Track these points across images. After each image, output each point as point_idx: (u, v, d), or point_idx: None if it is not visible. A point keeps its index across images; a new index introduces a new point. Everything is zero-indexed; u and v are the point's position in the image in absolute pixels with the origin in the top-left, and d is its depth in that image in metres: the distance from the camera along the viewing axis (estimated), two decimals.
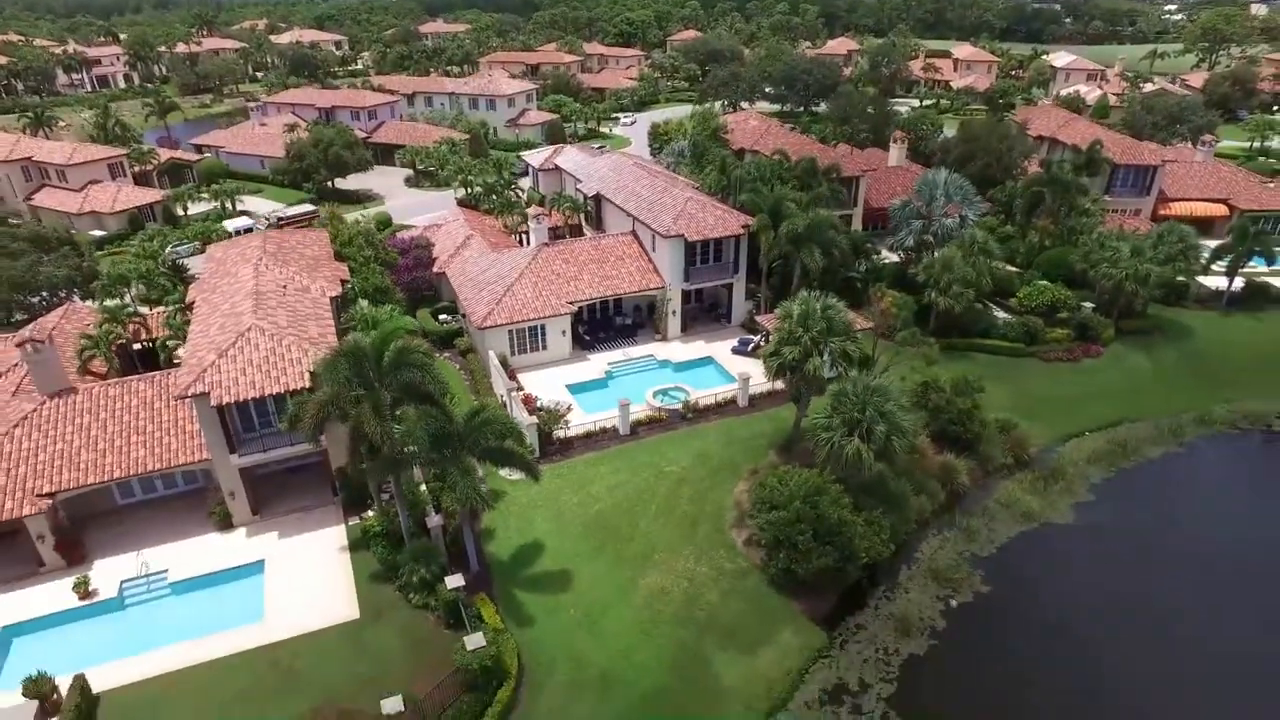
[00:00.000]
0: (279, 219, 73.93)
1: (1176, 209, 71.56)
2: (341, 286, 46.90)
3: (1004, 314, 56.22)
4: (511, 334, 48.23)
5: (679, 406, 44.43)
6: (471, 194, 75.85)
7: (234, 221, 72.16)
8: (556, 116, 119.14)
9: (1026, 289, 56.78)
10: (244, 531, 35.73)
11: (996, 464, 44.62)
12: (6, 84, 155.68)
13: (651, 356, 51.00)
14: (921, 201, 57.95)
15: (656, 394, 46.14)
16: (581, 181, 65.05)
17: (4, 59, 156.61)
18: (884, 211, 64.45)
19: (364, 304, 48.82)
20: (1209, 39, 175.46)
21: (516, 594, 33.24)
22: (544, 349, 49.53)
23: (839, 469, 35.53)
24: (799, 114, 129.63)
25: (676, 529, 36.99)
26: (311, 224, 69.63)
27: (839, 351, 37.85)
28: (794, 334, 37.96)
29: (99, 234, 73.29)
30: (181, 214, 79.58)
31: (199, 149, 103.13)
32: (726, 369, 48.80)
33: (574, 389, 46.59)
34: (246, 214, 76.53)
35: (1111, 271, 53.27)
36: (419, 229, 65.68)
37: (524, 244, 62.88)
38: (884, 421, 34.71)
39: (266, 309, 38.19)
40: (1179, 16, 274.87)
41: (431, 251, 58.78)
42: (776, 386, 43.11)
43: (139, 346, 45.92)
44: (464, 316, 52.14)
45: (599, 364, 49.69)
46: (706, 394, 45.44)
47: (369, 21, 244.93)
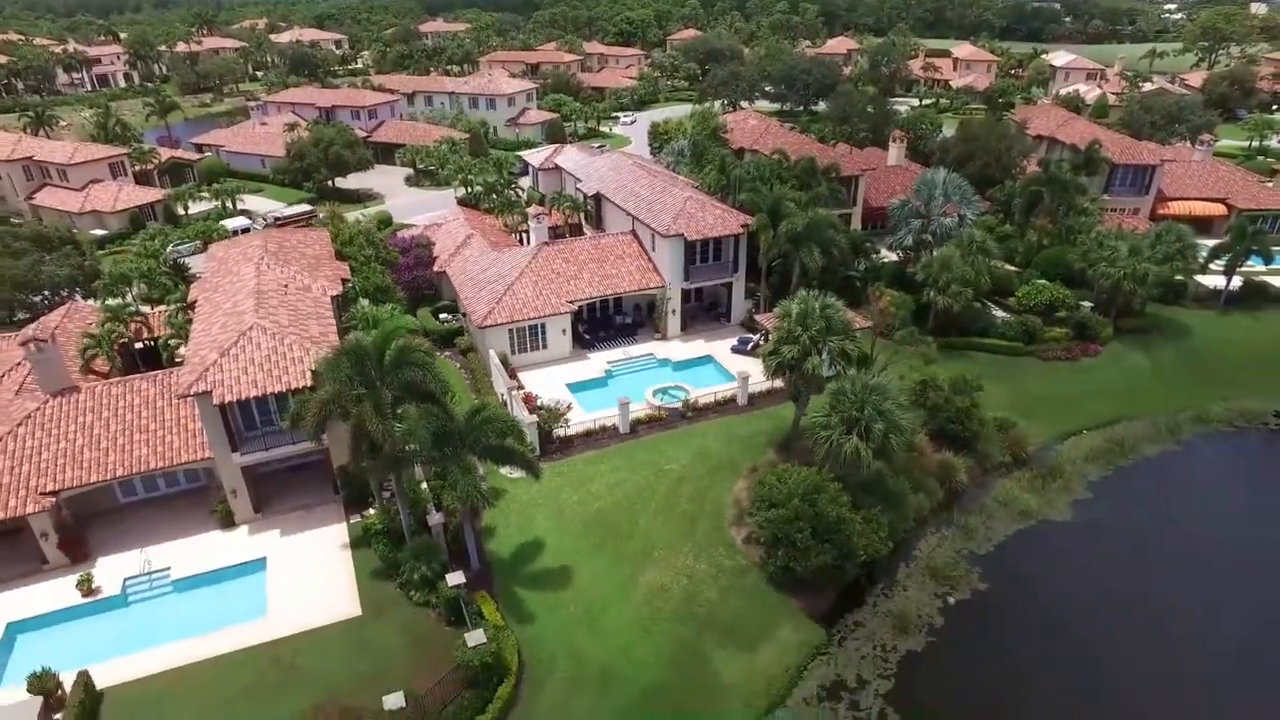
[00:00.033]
0: (275, 219, 74.17)
1: (1175, 208, 71.76)
2: (342, 285, 47.07)
3: (1002, 313, 56.41)
4: (512, 333, 48.41)
5: (679, 405, 44.60)
6: (472, 193, 76.01)
7: (232, 221, 72.38)
8: (556, 116, 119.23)
9: (1025, 288, 56.96)
10: (246, 529, 35.91)
11: (995, 462, 44.84)
12: (7, 83, 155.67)
13: (651, 355, 51.18)
14: (920, 201, 58.14)
15: (656, 392, 46.32)
16: (581, 181, 65.20)
17: (4, 58, 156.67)
18: (883, 211, 64.65)
19: (365, 303, 49.04)
20: (1208, 38, 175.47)
21: (517, 591, 33.43)
22: (544, 348, 49.72)
23: (838, 467, 35.71)
24: (798, 113, 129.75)
25: (676, 527, 37.18)
26: (309, 224, 69.89)
27: (838, 350, 38.03)
28: (793, 333, 38.16)
29: (100, 233, 73.47)
30: (182, 213, 79.74)
31: (199, 148, 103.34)
32: (726, 368, 48.98)
33: (574, 388, 46.77)
34: (245, 214, 76.69)
35: (1110, 271, 53.48)
36: (419, 228, 65.83)
37: (524, 243, 63.03)
38: (882, 420, 34.91)
39: (268, 308, 38.37)
40: (1179, 15, 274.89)
41: (432, 251, 58.93)
42: (775, 385, 43.28)
43: (141, 345, 46.07)
44: (464, 315, 52.32)
45: (599, 363, 49.86)
46: (706, 392, 45.62)
47: (369, 21, 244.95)
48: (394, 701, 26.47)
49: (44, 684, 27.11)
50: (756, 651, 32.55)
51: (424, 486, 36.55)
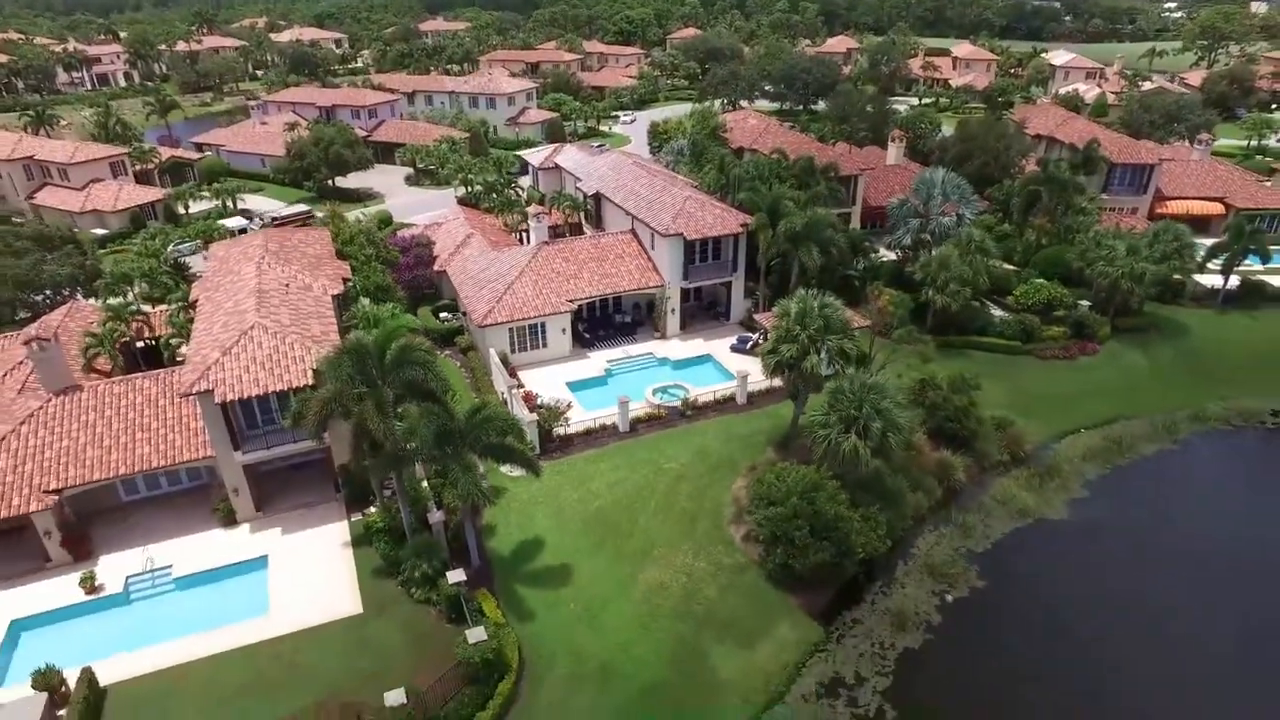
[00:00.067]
0: (272, 219, 74.49)
1: (1173, 207, 71.92)
2: (343, 285, 47.22)
3: (1001, 312, 56.58)
4: (512, 332, 48.59)
5: (678, 404, 44.77)
6: (472, 192, 76.14)
7: (230, 221, 72.62)
8: (556, 115, 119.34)
9: (1023, 287, 57.10)
10: (247, 527, 36.10)
11: (992, 461, 45.05)
12: (7, 82, 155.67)
13: (651, 354, 51.34)
14: (919, 200, 58.30)
15: (656, 391, 46.48)
16: (581, 180, 65.34)
17: (4, 57, 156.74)
18: (882, 210, 64.82)
19: (366, 302, 49.20)
20: (1208, 37, 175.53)
21: (517, 589, 33.63)
22: (544, 347, 49.89)
23: (836, 465, 35.90)
24: (798, 112, 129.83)
25: (675, 525, 37.36)
26: (306, 224, 70.10)
27: (836, 349, 38.21)
28: (792, 332, 38.34)
29: (101, 232, 73.60)
30: (183, 212, 79.88)
31: (200, 147, 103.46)
32: (725, 366, 49.15)
33: (574, 386, 46.95)
34: (244, 214, 76.87)
35: (1108, 270, 53.66)
36: (420, 227, 65.95)
37: (524, 242, 63.16)
38: (880, 418, 35.10)
39: (269, 307, 38.54)
40: (1179, 14, 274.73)
41: (432, 250, 59.08)
42: (774, 384, 43.48)
43: (142, 344, 46.24)
44: (465, 314, 52.50)
45: (599, 362, 50.03)
46: (705, 391, 45.80)
47: (369, 20, 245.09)
48: (395, 698, 26.66)
49: (48, 680, 27.31)
50: (755, 648, 32.76)
51: (425, 485, 36.74)
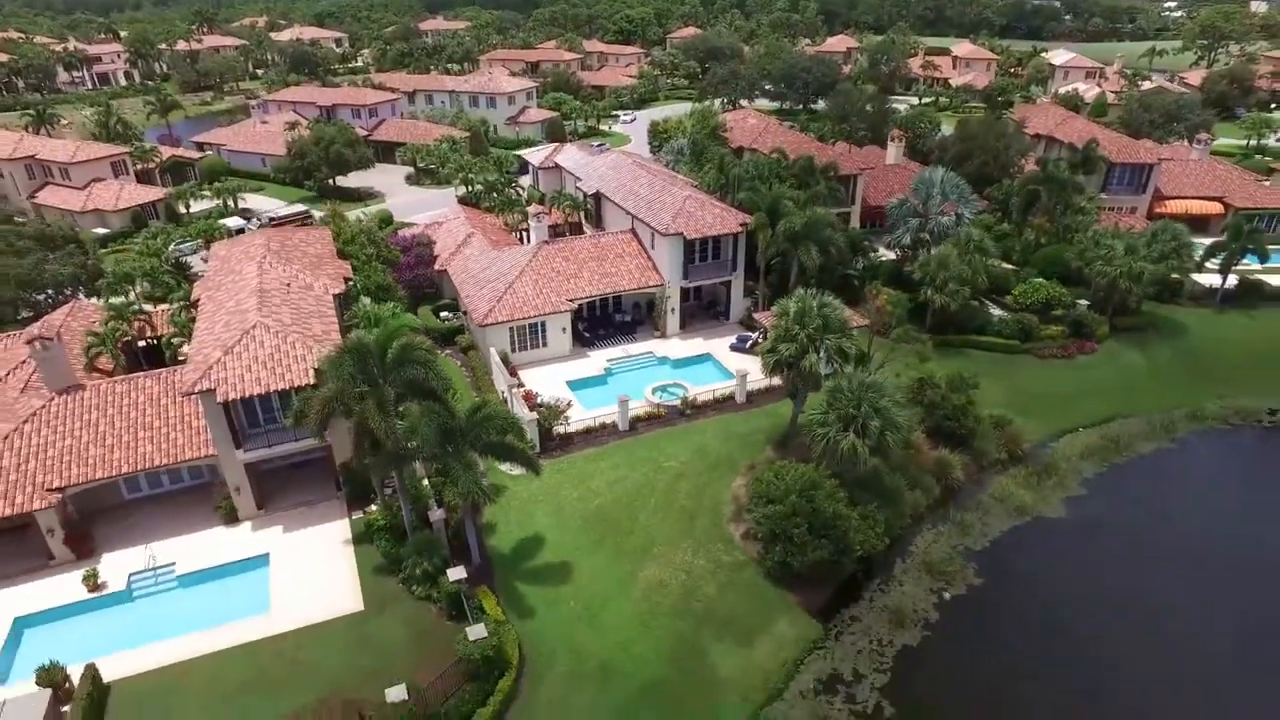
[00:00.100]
0: (270, 219, 74.77)
1: (1172, 207, 72.04)
2: (345, 284, 47.39)
3: (999, 311, 56.76)
4: (512, 331, 48.76)
5: (677, 403, 44.95)
6: (472, 192, 76.30)
7: (228, 220, 72.83)
8: (556, 114, 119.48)
9: (1022, 286, 57.25)
10: (249, 525, 36.29)
11: (991, 459, 45.23)
12: (8, 81, 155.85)
13: (650, 353, 51.51)
14: (918, 200, 58.48)
15: (655, 390, 46.67)
16: (581, 180, 65.51)
17: (5, 56, 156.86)
18: (881, 209, 64.98)
19: (367, 301, 49.42)
20: (1208, 36, 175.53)
21: (517, 586, 33.82)
22: (544, 346, 50.07)
23: (835, 464, 36.07)
24: (798, 112, 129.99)
25: (675, 523, 37.54)
26: (303, 224, 70.30)
27: (835, 348, 38.37)
28: (791, 331, 38.49)
29: (103, 232, 73.75)
30: (184, 212, 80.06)
31: (200, 147, 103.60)
32: (724, 365, 49.34)
33: (574, 385, 47.13)
34: (242, 213, 77.08)
35: (1106, 269, 53.84)
36: (420, 227, 66.09)
37: (524, 242, 63.33)
38: (879, 417, 35.27)
39: (271, 306, 38.73)
40: (1179, 14, 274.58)
41: (433, 249, 59.23)
42: (773, 383, 43.65)
43: (144, 344, 46.44)
44: (465, 314, 52.67)
45: (599, 361, 50.21)
46: (705, 390, 45.97)
47: (369, 19, 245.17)
48: (396, 694, 26.83)
49: (52, 677, 27.50)
50: (754, 646, 32.94)
51: (425, 483, 36.94)
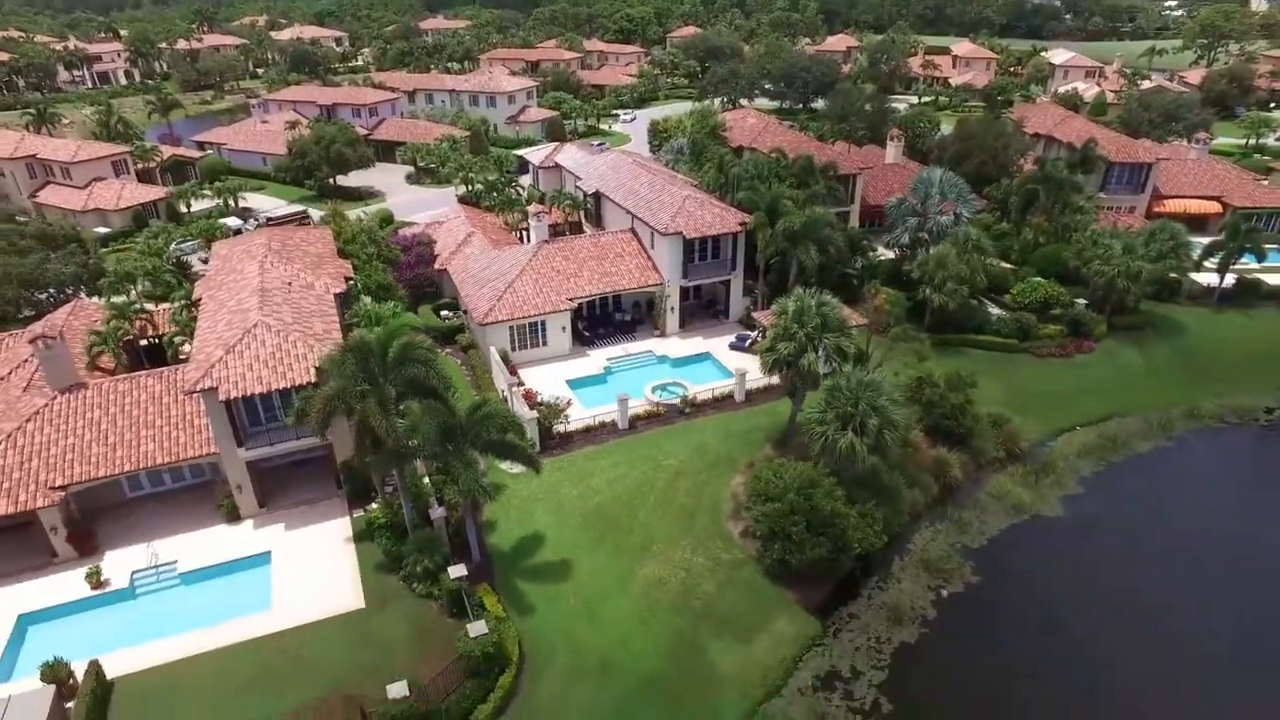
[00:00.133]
0: (267, 219, 75.08)
1: (1171, 206, 72.09)
2: (345, 283, 47.57)
3: (998, 310, 56.91)
4: (512, 330, 48.94)
5: (677, 401, 45.12)
6: (472, 191, 76.48)
7: (227, 220, 73.04)
8: (557, 113, 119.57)
9: (1020, 285, 57.39)
10: (251, 523, 36.48)
11: (988, 458, 45.42)
12: (8, 80, 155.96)
13: (650, 352, 51.68)
14: (917, 199, 58.64)
15: (655, 389, 46.83)
16: (581, 179, 65.68)
17: (5, 55, 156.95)
18: (880, 209, 65.13)
19: (367, 300, 49.59)
20: (1208, 35, 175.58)
21: (518, 584, 34.01)
22: (544, 345, 50.24)
23: (833, 462, 36.26)
24: (797, 111, 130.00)
25: (674, 521, 37.73)
26: (303, 224, 70.50)
27: (833, 347, 38.52)
28: (789, 330, 38.65)
29: (104, 231, 73.89)
30: (184, 211, 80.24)
31: (201, 146, 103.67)
32: (724, 364, 49.52)
33: (574, 384, 47.31)
34: (241, 213, 77.29)
35: (1104, 268, 53.99)
36: (420, 226, 66.26)
37: (524, 241, 63.50)
38: (877, 416, 35.46)
39: (272, 305, 38.92)
40: (1179, 13, 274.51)
41: (433, 249, 59.41)
42: (772, 382, 43.81)
43: (145, 343, 46.61)
44: (465, 313, 52.86)
45: (598, 360, 50.39)
46: (704, 389, 46.15)
47: (369, 18, 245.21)
48: (398, 690, 27.01)
49: (56, 673, 27.66)
50: (752, 643, 33.15)
51: (426, 481, 37.12)
